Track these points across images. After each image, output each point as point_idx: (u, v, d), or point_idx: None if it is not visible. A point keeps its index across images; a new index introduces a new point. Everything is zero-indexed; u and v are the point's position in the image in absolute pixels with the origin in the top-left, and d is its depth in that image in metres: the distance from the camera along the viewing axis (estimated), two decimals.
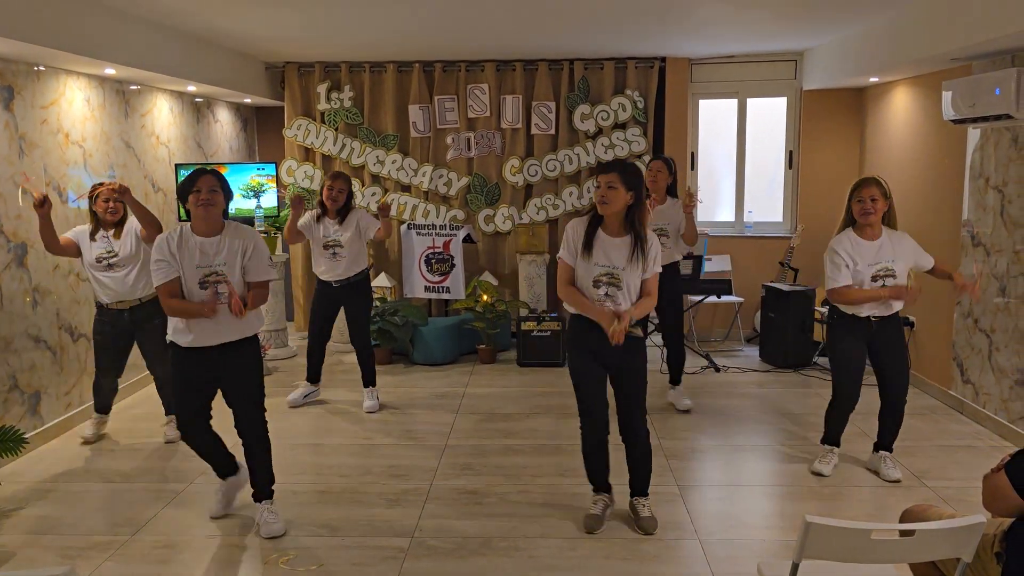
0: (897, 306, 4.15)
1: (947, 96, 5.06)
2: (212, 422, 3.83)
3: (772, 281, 7.11)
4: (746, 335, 7.61)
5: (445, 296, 7.14)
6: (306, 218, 5.43)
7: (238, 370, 3.71)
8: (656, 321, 5.73)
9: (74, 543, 3.66)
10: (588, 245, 3.55)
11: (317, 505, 4.05)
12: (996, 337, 5.02)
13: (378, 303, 6.95)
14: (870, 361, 4.24)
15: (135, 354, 4.95)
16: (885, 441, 4.39)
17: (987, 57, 4.98)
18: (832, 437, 4.42)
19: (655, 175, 5.23)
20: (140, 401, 5.78)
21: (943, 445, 4.83)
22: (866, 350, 4.21)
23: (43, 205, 4.32)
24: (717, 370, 6.56)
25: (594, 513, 3.76)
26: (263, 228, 6.67)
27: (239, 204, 6.72)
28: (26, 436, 4.26)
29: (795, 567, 2.20)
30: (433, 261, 7.09)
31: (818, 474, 4.32)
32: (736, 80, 7.49)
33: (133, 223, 4.66)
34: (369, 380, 5.63)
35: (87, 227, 4.72)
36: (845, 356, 4.23)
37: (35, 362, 4.87)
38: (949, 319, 5.58)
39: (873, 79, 6.51)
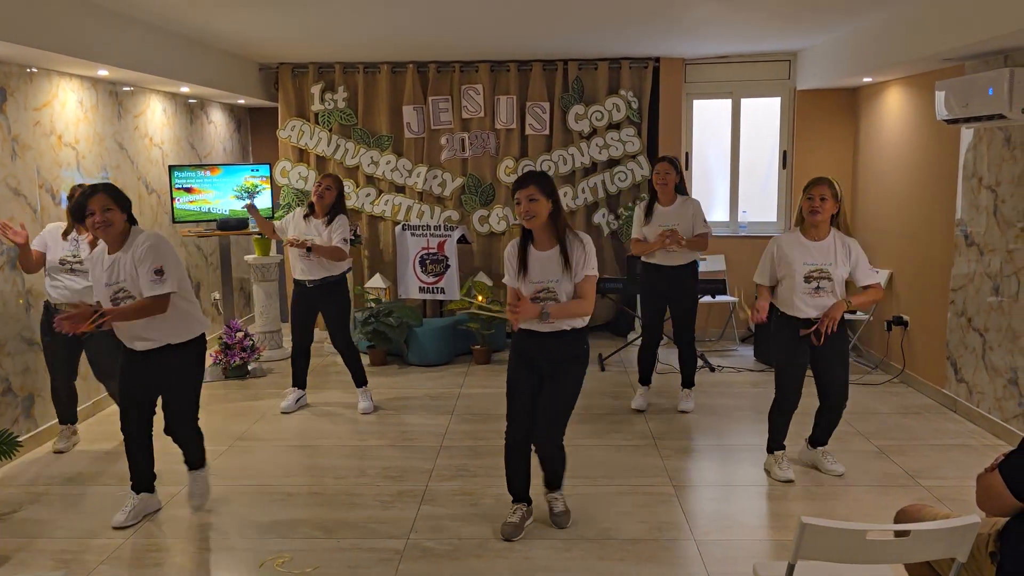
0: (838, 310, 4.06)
1: (940, 96, 5.07)
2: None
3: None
4: (740, 335, 7.62)
5: (440, 297, 7.13)
6: (286, 218, 5.43)
7: (166, 378, 3.78)
8: (636, 318, 5.71)
9: (68, 547, 3.65)
10: (523, 264, 3.56)
11: (312, 507, 4.05)
12: (989, 336, 5.03)
13: (372, 304, 6.94)
14: (811, 365, 4.18)
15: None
16: (821, 438, 4.38)
17: (980, 57, 5.00)
18: (777, 442, 4.34)
19: (664, 176, 5.19)
20: None
21: (937, 444, 4.84)
22: (809, 352, 4.14)
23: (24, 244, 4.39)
24: (712, 370, 6.57)
25: (512, 521, 3.73)
26: (256, 229, 6.65)
27: (234, 206, 6.71)
28: (20, 439, 4.24)
29: (791, 568, 2.20)
30: (428, 262, 7.08)
31: (787, 481, 4.24)
32: (730, 80, 7.50)
33: None
34: (359, 381, 5.59)
35: (60, 224, 4.64)
36: (785, 356, 4.19)
37: (28, 365, 4.85)
38: (943, 318, 5.59)
39: (866, 79, 6.52)
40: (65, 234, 4.60)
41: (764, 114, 7.60)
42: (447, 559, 3.51)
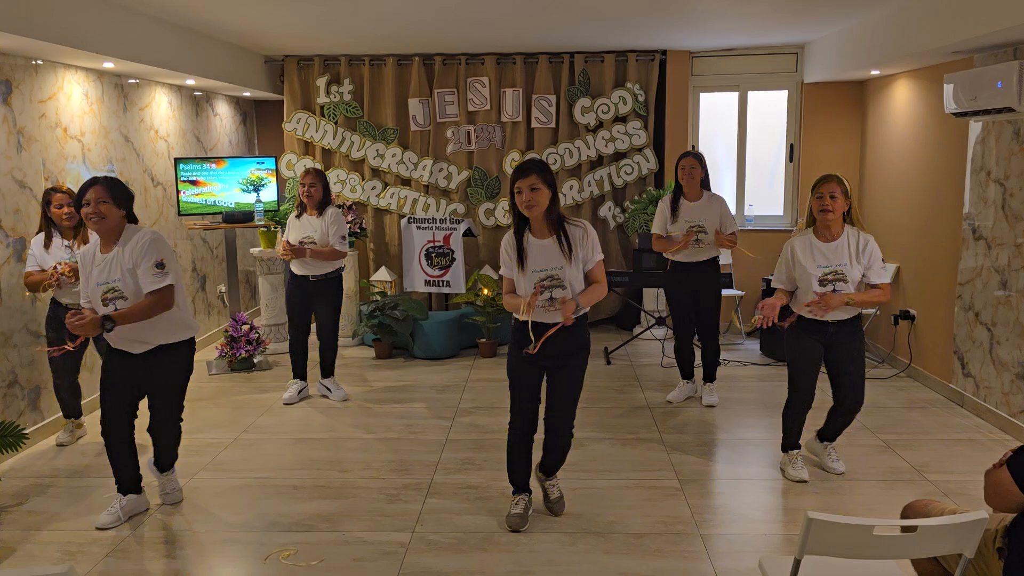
0: (851, 311, 4.03)
1: (948, 89, 5.04)
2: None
3: (772, 274, 7.08)
4: (747, 329, 7.60)
5: (445, 290, 7.13)
6: (291, 224, 5.44)
7: (156, 377, 3.73)
8: (656, 315, 5.73)
9: (74, 539, 3.66)
10: (521, 254, 3.52)
11: (317, 500, 4.05)
12: (997, 330, 5.01)
13: (378, 297, 6.94)
14: (825, 365, 4.15)
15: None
16: (831, 433, 4.33)
17: (989, 50, 4.96)
18: (792, 440, 4.29)
19: (690, 171, 5.14)
20: None
21: (944, 439, 4.83)
22: (823, 351, 4.10)
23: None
24: (718, 363, 6.54)
25: (518, 512, 3.73)
26: (263, 222, 6.66)
27: (239, 199, 6.71)
28: (26, 432, 4.25)
29: (797, 563, 2.20)
30: (433, 255, 7.08)
31: (801, 481, 4.20)
32: (737, 73, 7.47)
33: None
34: (328, 372, 5.67)
35: (39, 237, 4.53)
36: (801, 355, 4.12)
37: (34, 358, 4.86)
38: (950, 312, 5.57)
39: (874, 72, 6.49)
40: (46, 244, 4.50)
41: (771, 107, 7.57)
42: (452, 552, 3.51)
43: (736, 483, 4.26)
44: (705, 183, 5.27)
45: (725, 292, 7.03)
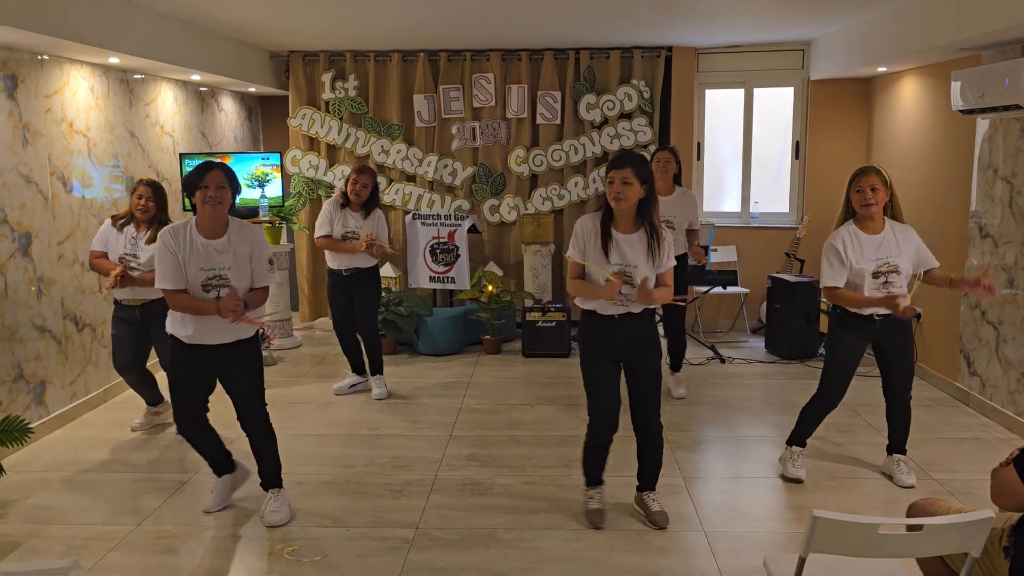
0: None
1: (956, 86, 5.02)
2: (213, 417, 3.81)
3: (778, 272, 7.08)
4: (752, 326, 7.59)
5: (450, 286, 7.12)
6: (322, 217, 5.42)
7: (237, 370, 3.67)
8: (661, 312, 5.71)
9: (78, 533, 3.67)
10: (604, 245, 3.44)
11: (321, 495, 4.05)
12: (1003, 329, 4.99)
13: (383, 293, 6.93)
14: (876, 361, 4.09)
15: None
16: (897, 443, 4.20)
17: (997, 47, 4.94)
18: (801, 437, 4.21)
19: (664, 165, 5.20)
20: None
21: (949, 437, 4.81)
22: (868, 349, 4.01)
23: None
24: (722, 361, 6.54)
25: (596, 508, 3.72)
26: (267, 218, 6.66)
27: (244, 194, 6.69)
28: (31, 426, 4.26)
29: (802, 561, 2.19)
30: (438, 251, 7.07)
31: (797, 480, 4.15)
32: (743, 70, 7.44)
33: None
34: (376, 368, 5.65)
35: (110, 220, 4.67)
36: (843, 355, 4.01)
37: (40, 352, 4.87)
38: (956, 311, 5.55)
39: (881, 69, 6.46)
40: (121, 224, 4.59)
41: (777, 104, 7.54)
42: (456, 548, 3.51)
43: (740, 481, 4.25)
44: (677, 179, 5.32)
45: (731, 290, 7.03)
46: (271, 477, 3.83)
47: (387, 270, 7.24)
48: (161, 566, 3.40)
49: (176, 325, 3.58)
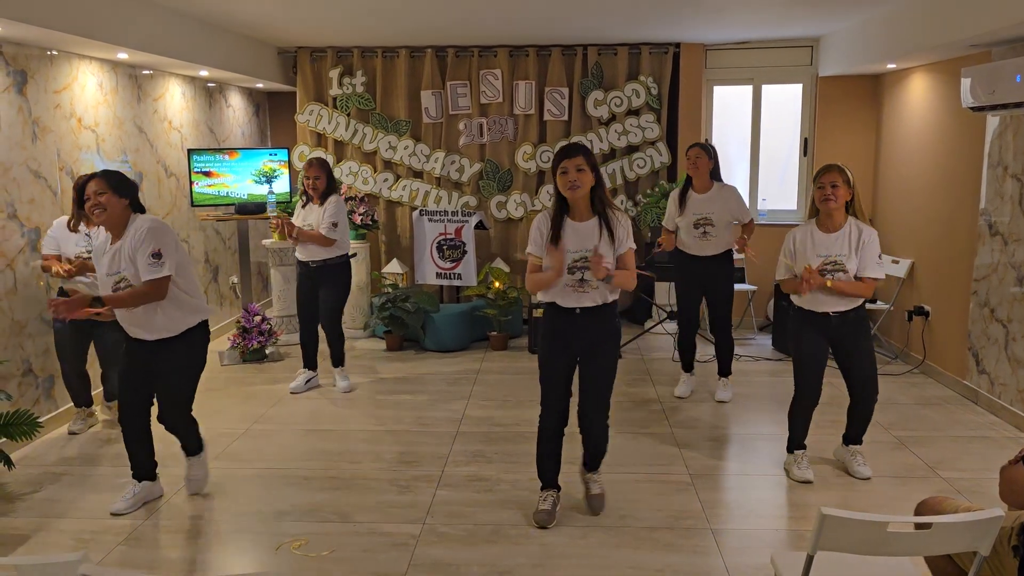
0: (853, 301, 3.98)
1: (966, 83, 4.99)
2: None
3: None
4: (759, 323, 7.57)
5: (457, 283, 7.12)
6: (297, 212, 5.51)
7: (163, 367, 3.74)
8: (668, 308, 5.71)
9: (87, 527, 3.68)
10: (557, 234, 3.50)
11: (328, 491, 4.06)
12: (1012, 327, 4.97)
13: (389, 290, 6.94)
14: (835, 360, 4.11)
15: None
16: (853, 434, 4.26)
17: (1007, 44, 4.91)
18: (798, 441, 4.22)
19: (695, 161, 5.10)
20: None
21: (957, 436, 4.80)
22: (827, 346, 4.06)
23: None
24: (732, 358, 6.51)
25: (545, 508, 3.69)
26: (275, 214, 6.66)
27: (252, 190, 6.72)
28: (40, 420, 4.28)
29: (810, 559, 2.18)
30: (445, 248, 7.07)
31: (806, 482, 4.13)
32: (751, 66, 7.42)
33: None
34: (337, 361, 5.70)
35: (62, 219, 4.59)
36: (804, 351, 4.07)
37: (49, 347, 4.89)
38: (964, 308, 5.53)
39: (890, 65, 6.43)
40: (73, 225, 4.55)
41: (785, 101, 7.52)
42: (463, 544, 3.52)
43: (747, 478, 4.24)
44: (715, 174, 5.20)
45: (738, 287, 7.00)
46: (191, 446, 3.98)
47: (393, 266, 7.25)
48: (169, 560, 3.41)
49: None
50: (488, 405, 5.40)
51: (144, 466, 3.89)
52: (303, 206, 5.47)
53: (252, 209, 6.68)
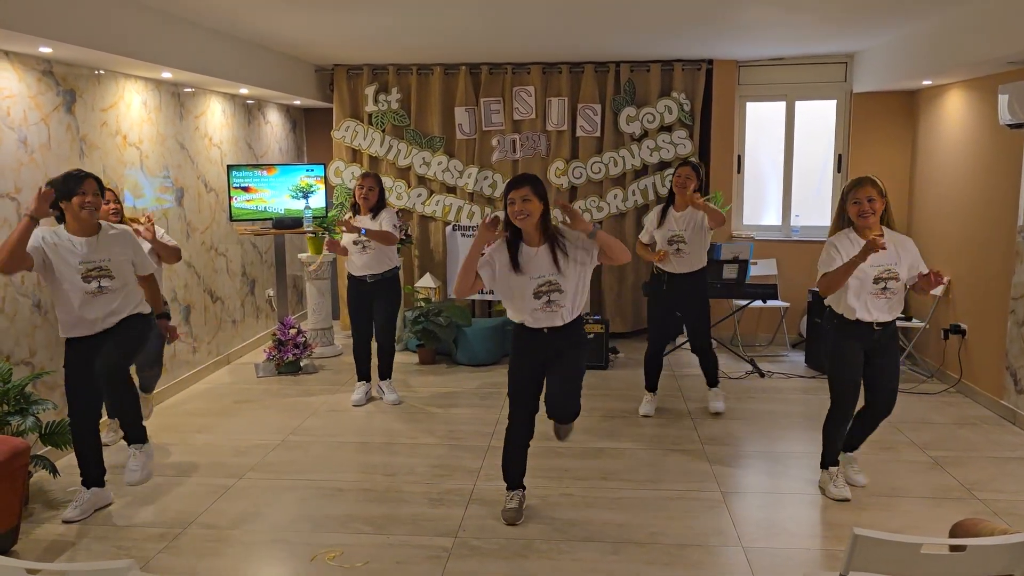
0: (896, 311, 3.96)
1: (1003, 100, 4.96)
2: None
3: (818, 273, 7.00)
4: (791, 340, 7.53)
5: (489, 297, 7.17)
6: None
7: (109, 344, 3.88)
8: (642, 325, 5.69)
9: (128, 535, 3.77)
10: (516, 262, 3.66)
11: (362, 503, 4.12)
12: None
13: (423, 304, 7.01)
14: (864, 368, 4.05)
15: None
16: (853, 443, 4.24)
17: None
18: (833, 456, 4.18)
19: (684, 180, 5.13)
20: (191, 397, 5.92)
21: (994, 457, 4.73)
22: (864, 358, 4.01)
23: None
24: (762, 375, 6.50)
25: (513, 507, 3.91)
26: (311, 228, 6.78)
27: (289, 205, 6.84)
28: None
29: None
30: None
31: (844, 500, 4.09)
32: (785, 83, 7.41)
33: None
34: (385, 374, 5.83)
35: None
36: (844, 363, 4.00)
37: None
38: (1002, 327, 5.46)
39: (926, 82, 6.39)
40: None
41: (819, 116, 7.49)
42: (494, 558, 3.55)
43: (779, 496, 4.23)
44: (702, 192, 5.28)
45: (771, 303, 6.97)
46: (133, 432, 4.04)
47: (426, 280, 7.33)
48: (208, 568, 3.48)
49: (67, 328, 3.89)
50: None
51: (94, 472, 4.03)
52: (351, 217, 5.56)
53: (289, 224, 6.80)
